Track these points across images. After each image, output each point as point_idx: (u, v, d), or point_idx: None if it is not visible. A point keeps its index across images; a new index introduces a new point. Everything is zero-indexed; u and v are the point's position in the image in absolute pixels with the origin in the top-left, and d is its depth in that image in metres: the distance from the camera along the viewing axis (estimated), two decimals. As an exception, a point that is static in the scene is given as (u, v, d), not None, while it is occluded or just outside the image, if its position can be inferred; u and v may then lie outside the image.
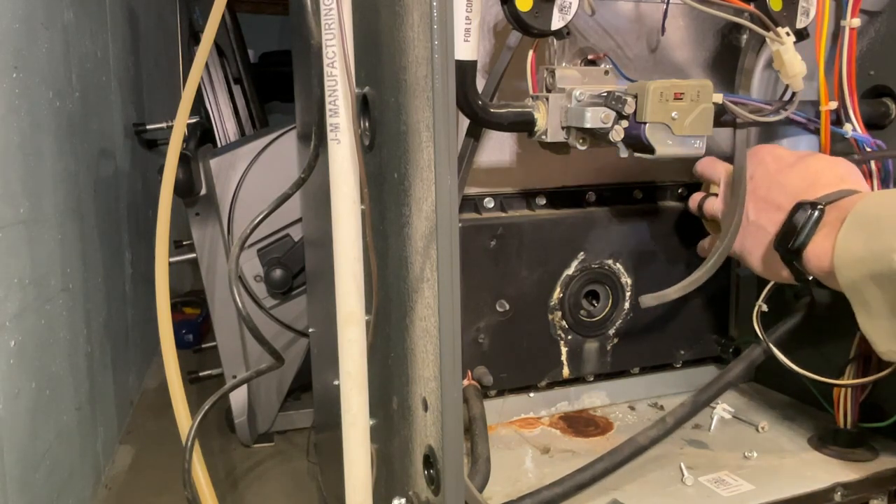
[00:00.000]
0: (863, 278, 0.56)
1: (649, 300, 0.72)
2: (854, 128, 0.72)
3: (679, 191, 0.85)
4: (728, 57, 0.81)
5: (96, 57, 1.47)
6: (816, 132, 0.78)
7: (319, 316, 1.09)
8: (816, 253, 0.61)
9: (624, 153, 0.64)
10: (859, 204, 0.59)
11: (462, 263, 0.53)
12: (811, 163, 0.67)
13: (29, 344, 1.00)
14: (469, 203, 0.77)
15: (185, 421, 0.90)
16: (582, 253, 0.80)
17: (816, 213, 0.61)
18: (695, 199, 0.78)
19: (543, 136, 0.67)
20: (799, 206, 0.63)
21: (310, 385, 1.23)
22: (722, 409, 0.77)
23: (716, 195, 0.75)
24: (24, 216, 1.00)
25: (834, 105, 0.72)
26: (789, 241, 0.62)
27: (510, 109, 0.66)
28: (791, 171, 0.67)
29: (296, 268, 1.41)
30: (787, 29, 0.67)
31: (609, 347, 0.83)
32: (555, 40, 0.69)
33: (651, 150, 0.63)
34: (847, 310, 0.62)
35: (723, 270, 0.78)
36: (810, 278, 0.63)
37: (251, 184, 1.40)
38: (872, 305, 0.56)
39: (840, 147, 0.74)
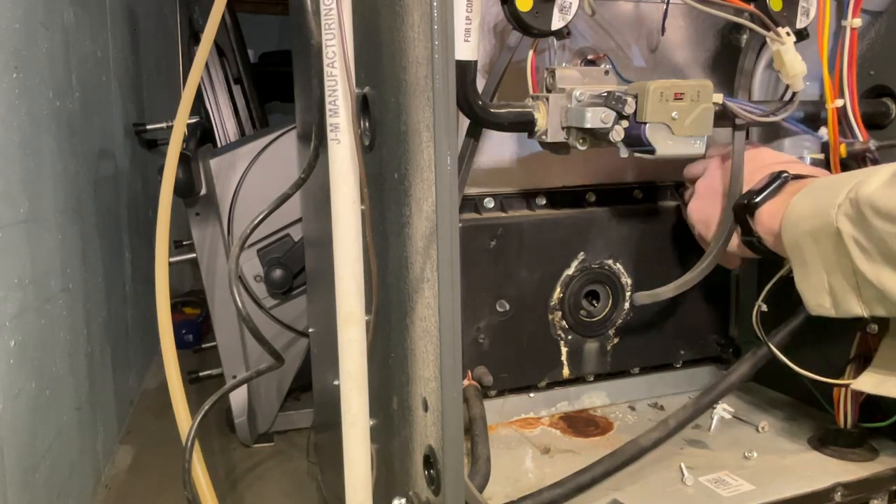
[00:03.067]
0: (804, 235, 0.61)
1: (643, 298, 0.72)
2: (852, 129, 0.73)
3: (679, 191, 0.85)
4: (728, 57, 0.81)
5: (96, 57, 1.47)
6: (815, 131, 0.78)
7: (319, 316, 1.09)
8: (770, 212, 0.66)
9: (624, 153, 0.64)
10: (818, 178, 0.66)
11: (462, 263, 0.53)
12: (797, 164, 0.72)
13: (29, 344, 1.00)
14: (469, 203, 0.77)
15: (185, 421, 0.90)
16: (582, 253, 0.80)
17: (780, 180, 0.67)
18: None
19: (543, 136, 0.67)
20: (769, 174, 0.69)
21: (310, 385, 1.23)
22: (722, 409, 0.77)
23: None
24: (24, 216, 1.00)
25: (841, 102, 0.72)
26: (749, 198, 0.68)
27: (510, 109, 0.66)
28: (775, 166, 0.71)
29: (296, 268, 1.41)
30: (787, 29, 0.67)
31: (609, 347, 0.83)
32: (555, 40, 0.69)
33: (651, 150, 0.63)
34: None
35: (722, 270, 0.78)
36: (755, 237, 0.68)
37: (251, 184, 1.40)
38: (808, 261, 0.61)
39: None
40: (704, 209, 0.74)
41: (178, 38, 1.89)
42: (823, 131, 0.73)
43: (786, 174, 0.67)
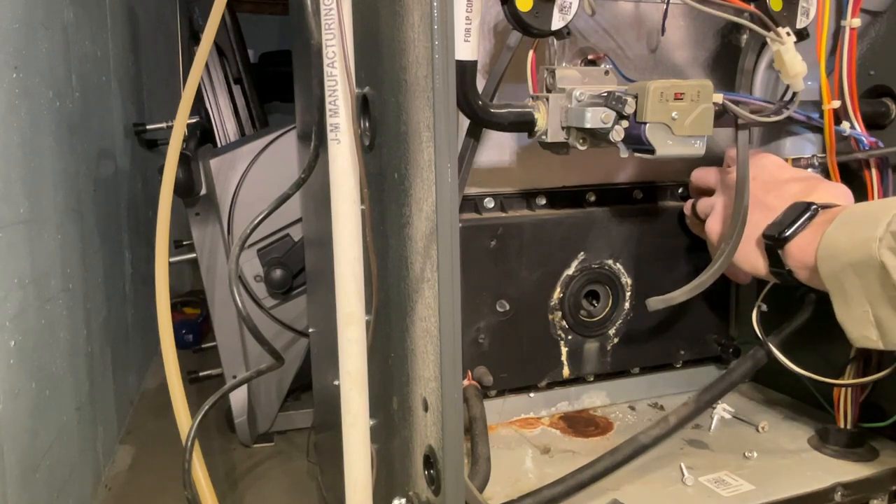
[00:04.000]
0: (843, 268, 0.60)
1: (656, 303, 0.72)
2: (852, 125, 0.73)
3: (679, 191, 0.85)
4: (728, 57, 0.81)
5: (96, 57, 1.47)
6: (817, 131, 0.79)
7: (319, 316, 1.09)
8: (801, 246, 0.65)
9: (624, 153, 0.64)
10: (849, 207, 0.64)
11: (462, 263, 0.53)
12: (812, 182, 0.71)
13: (29, 344, 1.00)
14: (469, 203, 0.77)
15: (185, 421, 0.90)
16: (582, 253, 0.80)
17: (811, 211, 0.66)
18: (688, 205, 0.80)
19: (543, 137, 0.67)
20: (795, 204, 0.67)
21: (310, 385, 1.23)
22: (722, 409, 0.77)
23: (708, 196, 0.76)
24: (24, 216, 1.00)
25: (837, 104, 0.72)
26: (779, 232, 0.66)
27: (510, 109, 0.66)
28: (792, 182, 0.71)
29: (296, 268, 1.41)
30: (787, 29, 0.67)
31: (609, 347, 0.83)
32: (555, 40, 0.69)
33: (651, 150, 0.63)
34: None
35: (723, 270, 0.78)
36: (786, 270, 0.67)
37: (251, 184, 1.40)
38: (850, 293, 0.60)
39: (840, 146, 0.74)
40: (726, 231, 0.72)
41: (178, 38, 1.89)
42: (846, 125, 0.73)
43: (815, 206, 0.66)
